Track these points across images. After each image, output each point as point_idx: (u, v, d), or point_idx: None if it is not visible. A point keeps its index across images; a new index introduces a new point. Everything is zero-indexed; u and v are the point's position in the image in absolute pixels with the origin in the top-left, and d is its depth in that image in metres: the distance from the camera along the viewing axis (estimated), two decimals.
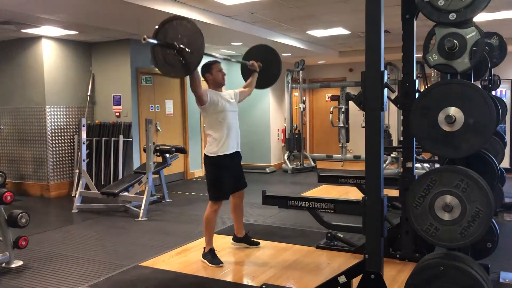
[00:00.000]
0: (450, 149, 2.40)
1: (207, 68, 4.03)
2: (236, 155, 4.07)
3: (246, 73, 4.49)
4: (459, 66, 2.49)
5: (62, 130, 7.56)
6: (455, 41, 2.44)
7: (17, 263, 4.14)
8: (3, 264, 4.07)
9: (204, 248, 4.00)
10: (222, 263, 3.90)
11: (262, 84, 4.52)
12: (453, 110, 2.36)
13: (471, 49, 2.45)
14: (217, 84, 4.04)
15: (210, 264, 3.87)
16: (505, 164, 7.28)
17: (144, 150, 6.51)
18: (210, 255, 3.93)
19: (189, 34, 3.36)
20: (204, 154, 4.02)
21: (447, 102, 2.38)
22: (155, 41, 3.34)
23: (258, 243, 4.38)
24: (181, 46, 3.34)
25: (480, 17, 6.32)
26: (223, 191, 3.98)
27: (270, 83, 4.65)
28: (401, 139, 3.89)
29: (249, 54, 4.55)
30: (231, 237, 4.44)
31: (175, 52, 3.35)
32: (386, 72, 2.81)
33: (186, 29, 3.39)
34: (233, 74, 10.34)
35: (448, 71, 2.56)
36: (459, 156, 2.43)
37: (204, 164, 4.09)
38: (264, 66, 4.41)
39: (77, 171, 7.33)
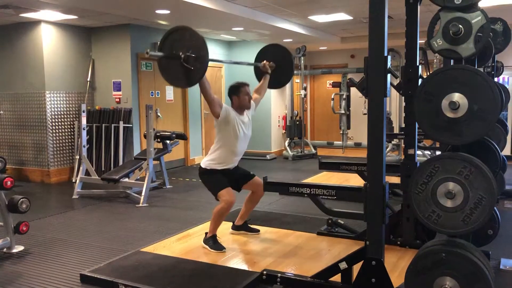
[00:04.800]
0: (453, 136, 2.38)
1: (235, 90, 3.98)
2: (233, 167, 4.07)
3: (259, 74, 4.48)
4: (464, 51, 2.46)
5: (62, 116, 7.53)
6: (460, 26, 2.41)
7: (18, 248, 4.15)
8: (4, 249, 4.09)
9: (206, 233, 4.00)
10: (224, 248, 3.91)
11: (275, 84, 4.52)
12: (457, 96, 2.34)
13: (476, 34, 2.41)
14: (242, 107, 4.01)
15: (211, 250, 3.88)
16: (506, 151, 7.28)
17: (145, 136, 6.49)
18: (212, 241, 3.94)
19: (193, 44, 3.34)
20: (200, 166, 4.01)
21: (451, 88, 2.35)
22: (159, 54, 3.36)
23: (258, 230, 4.38)
24: (186, 55, 3.32)
25: (484, 3, 6.24)
26: (221, 182, 3.92)
27: (283, 83, 4.65)
28: (403, 125, 3.87)
29: (260, 54, 4.53)
30: (232, 224, 4.44)
31: (181, 62, 3.34)
32: (389, 58, 2.78)
33: (189, 39, 3.38)
34: (234, 56, 10.29)
35: (453, 56, 2.53)
36: (462, 143, 2.41)
37: (200, 175, 4.04)
38: (276, 65, 4.39)
39: (78, 157, 7.32)
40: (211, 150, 4.00)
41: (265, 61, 4.32)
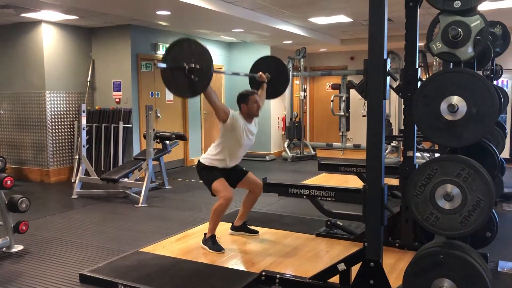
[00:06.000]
0: (452, 138, 2.39)
1: (244, 98, 4.01)
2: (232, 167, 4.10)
3: (255, 85, 4.53)
4: (463, 54, 2.47)
5: (62, 116, 7.54)
6: (459, 29, 2.42)
7: (17, 248, 4.16)
8: (4, 249, 4.09)
9: (205, 234, 4.01)
10: (223, 249, 3.92)
11: (271, 94, 4.58)
12: (455, 99, 2.35)
13: (475, 37, 2.43)
14: (250, 115, 4.04)
15: (210, 250, 3.89)
16: (505, 154, 7.30)
17: (144, 137, 6.50)
18: (211, 241, 3.95)
19: (197, 55, 3.41)
20: (198, 161, 4.05)
21: (449, 91, 2.37)
22: (163, 65, 3.42)
23: (257, 232, 4.39)
24: (191, 66, 3.38)
25: (484, 6, 6.26)
26: (216, 175, 3.95)
27: (279, 93, 4.69)
28: (402, 128, 3.88)
29: (255, 66, 4.59)
30: (231, 224, 4.45)
31: (185, 73, 3.41)
32: (388, 60, 2.79)
33: (193, 50, 3.44)
34: (234, 57, 10.31)
35: (452, 59, 2.55)
36: (460, 145, 2.43)
37: (197, 170, 4.08)
38: (272, 77, 4.46)
39: (77, 157, 7.33)
40: (212, 149, 4.03)
41: (260, 72, 4.39)
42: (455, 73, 2.39)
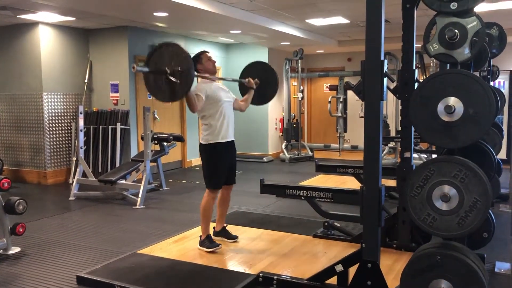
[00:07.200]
0: (448, 139, 2.40)
1: (197, 59, 4.02)
2: (230, 144, 4.08)
3: (243, 90, 4.51)
4: (459, 56, 2.48)
5: (60, 117, 7.53)
6: (456, 31, 2.43)
7: (14, 250, 4.15)
8: (1, 251, 4.08)
9: (201, 236, 4.01)
10: (220, 244, 3.94)
11: (259, 101, 4.54)
12: (452, 100, 2.36)
13: (471, 39, 2.44)
14: (209, 73, 4.03)
15: (208, 249, 3.89)
16: (502, 155, 7.31)
17: (142, 138, 6.50)
18: (208, 241, 3.95)
19: (178, 59, 3.38)
20: (199, 143, 4.05)
21: (446, 92, 2.37)
22: (145, 69, 3.40)
23: (236, 237, 4.27)
24: (172, 69, 3.37)
25: (480, 8, 6.28)
26: (219, 178, 3.99)
27: (266, 100, 4.66)
28: (399, 129, 3.89)
29: (246, 71, 4.56)
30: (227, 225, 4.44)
31: (166, 77, 3.38)
32: (385, 61, 2.80)
33: (174, 54, 3.41)
34: (231, 59, 10.31)
35: (448, 61, 2.55)
36: (457, 146, 2.44)
37: (199, 152, 4.10)
38: (261, 83, 4.41)
39: (75, 158, 7.32)
40: (204, 127, 4.00)
41: (249, 78, 4.36)
42: (452, 74, 2.40)
